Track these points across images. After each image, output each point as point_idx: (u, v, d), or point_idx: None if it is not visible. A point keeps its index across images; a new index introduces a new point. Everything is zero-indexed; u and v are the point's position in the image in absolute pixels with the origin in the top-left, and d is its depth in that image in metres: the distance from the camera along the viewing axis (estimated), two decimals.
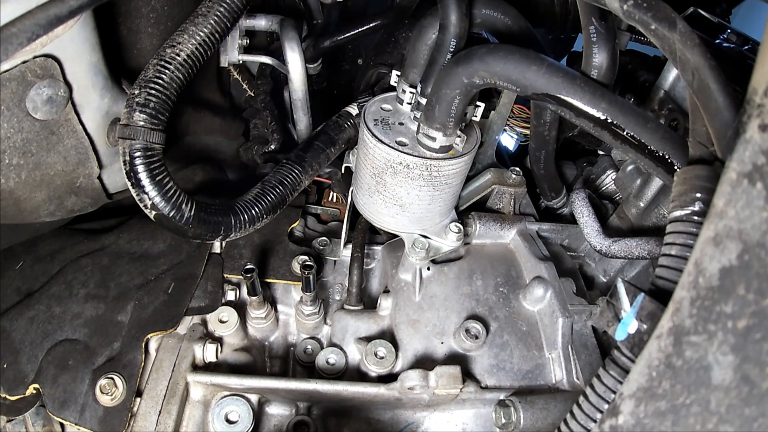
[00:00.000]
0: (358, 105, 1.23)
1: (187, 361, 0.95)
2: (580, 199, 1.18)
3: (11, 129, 0.83)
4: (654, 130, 0.74)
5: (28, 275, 1.10)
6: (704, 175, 0.58)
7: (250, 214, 0.98)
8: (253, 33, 1.35)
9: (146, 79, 0.86)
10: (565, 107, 0.77)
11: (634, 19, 0.67)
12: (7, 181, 0.88)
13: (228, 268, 1.09)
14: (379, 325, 1.06)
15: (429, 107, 0.88)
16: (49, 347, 0.97)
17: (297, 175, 1.09)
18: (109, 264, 1.09)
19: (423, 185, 0.95)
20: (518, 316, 1.04)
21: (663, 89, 1.14)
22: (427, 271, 1.07)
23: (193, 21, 0.91)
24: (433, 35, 0.93)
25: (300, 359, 1.08)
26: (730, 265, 0.42)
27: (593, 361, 1.00)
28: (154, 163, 0.85)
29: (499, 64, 0.78)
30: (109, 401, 0.91)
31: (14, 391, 0.94)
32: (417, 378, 0.89)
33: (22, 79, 0.80)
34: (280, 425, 0.99)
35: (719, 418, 0.42)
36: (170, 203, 0.86)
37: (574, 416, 0.60)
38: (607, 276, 1.27)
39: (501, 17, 0.95)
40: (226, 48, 1.30)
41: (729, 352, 0.41)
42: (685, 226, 0.57)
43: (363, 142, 0.97)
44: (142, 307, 1.01)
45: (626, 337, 0.56)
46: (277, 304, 1.11)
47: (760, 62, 0.46)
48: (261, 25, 1.32)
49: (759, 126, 0.43)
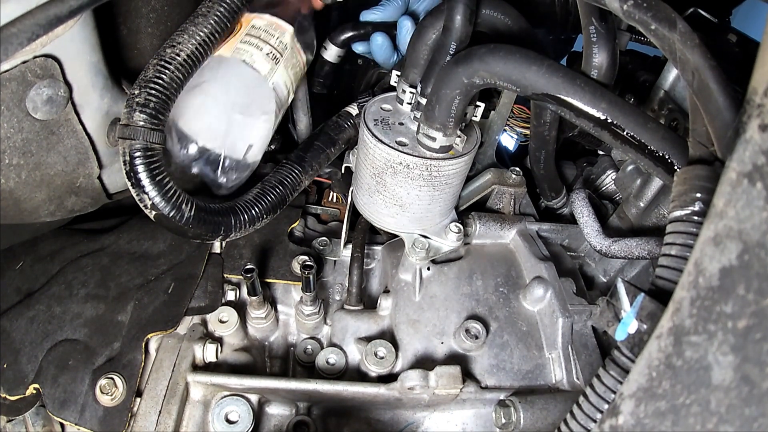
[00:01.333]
0: (358, 105, 1.23)
1: (187, 361, 0.95)
2: (580, 199, 1.18)
3: (11, 129, 0.83)
4: (654, 130, 0.74)
5: (28, 275, 1.10)
6: (704, 175, 0.58)
7: (251, 214, 0.99)
8: None
9: (146, 79, 0.86)
10: (565, 107, 0.77)
11: (634, 19, 0.67)
12: (7, 181, 0.88)
13: (228, 268, 1.09)
14: (379, 325, 1.06)
15: (429, 107, 0.88)
16: (49, 347, 0.97)
17: (297, 175, 1.09)
18: (109, 264, 1.09)
19: (423, 185, 0.95)
20: (518, 316, 1.04)
21: (663, 89, 1.14)
22: (427, 271, 1.07)
23: (193, 21, 0.91)
24: (433, 35, 0.93)
25: (300, 359, 1.08)
26: (730, 265, 0.42)
27: (593, 361, 1.00)
28: (154, 163, 0.85)
29: (499, 64, 0.78)
30: (109, 401, 0.91)
31: (14, 391, 0.94)
32: (417, 378, 0.89)
33: (22, 79, 0.80)
34: (280, 425, 0.99)
35: (719, 418, 0.42)
36: (170, 203, 0.86)
37: (574, 416, 0.60)
38: (607, 276, 1.27)
39: (501, 17, 0.96)
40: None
41: (729, 352, 0.41)
42: (685, 226, 0.57)
43: (363, 142, 0.97)
44: (142, 307, 1.01)
45: (626, 337, 0.56)
46: (277, 304, 1.11)
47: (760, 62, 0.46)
48: None
49: (759, 126, 0.43)
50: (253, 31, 1.05)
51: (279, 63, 1.06)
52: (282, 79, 1.08)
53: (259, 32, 1.05)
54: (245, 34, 1.04)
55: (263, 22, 1.07)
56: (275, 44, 1.06)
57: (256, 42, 1.04)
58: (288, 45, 1.08)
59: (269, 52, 1.04)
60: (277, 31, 1.07)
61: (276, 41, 1.06)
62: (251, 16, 1.07)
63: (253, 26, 1.06)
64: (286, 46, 1.07)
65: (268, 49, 1.04)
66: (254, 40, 1.04)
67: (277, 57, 1.06)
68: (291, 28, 1.09)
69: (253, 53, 1.03)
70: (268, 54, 1.04)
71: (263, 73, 1.04)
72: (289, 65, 1.09)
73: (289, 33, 1.08)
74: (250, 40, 1.04)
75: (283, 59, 1.07)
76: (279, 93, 1.08)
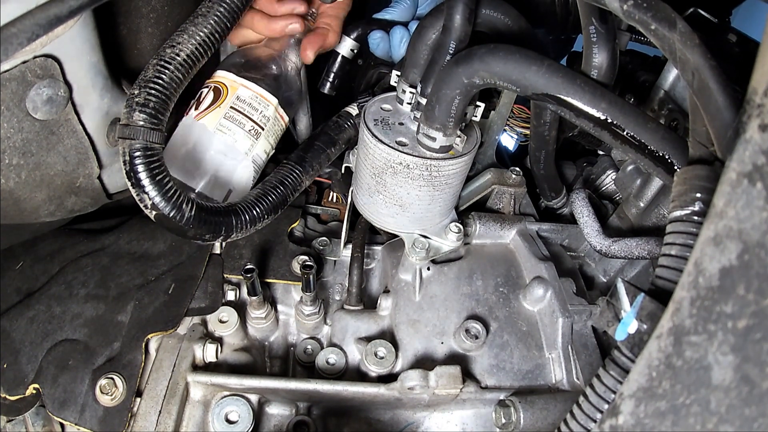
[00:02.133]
0: (358, 105, 1.23)
1: (187, 361, 0.95)
2: (580, 199, 1.18)
3: (11, 129, 0.83)
4: (654, 130, 0.74)
5: (28, 275, 1.10)
6: (704, 175, 0.58)
7: (252, 214, 0.98)
8: None
9: (146, 79, 0.86)
10: (565, 107, 0.77)
11: (634, 19, 0.67)
12: (7, 181, 0.88)
13: (228, 268, 1.09)
14: (379, 325, 1.06)
15: (429, 107, 0.88)
16: (49, 347, 0.97)
17: (298, 175, 1.09)
18: (109, 264, 1.09)
19: (423, 185, 0.95)
20: (518, 316, 1.04)
21: (663, 89, 1.14)
22: (427, 271, 1.07)
23: (193, 21, 0.91)
24: (433, 35, 0.93)
25: (300, 359, 1.08)
26: (730, 265, 0.42)
27: (593, 361, 1.00)
28: (154, 163, 0.85)
29: (499, 64, 0.78)
30: (109, 401, 0.91)
31: (14, 391, 0.94)
32: (417, 378, 0.89)
33: (22, 79, 0.80)
34: (280, 425, 0.99)
35: (719, 418, 0.42)
36: (170, 203, 0.86)
37: (574, 416, 0.60)
38: (607, 276, 1.27)
39: (501, 17, 0.96)
40: (227, 48, 1.30)
41: (729, 352, 0.41)
42: (685, 226, 0.57)
43: (363, 142, 0.97)
44: (142, 308, 1.01)
45: (626, 337, 0.56)
46: (277, 304, 1.11)
47: (760, 62, 0.46)
48: None
49: (759, 126, 0.43)
50: (238, 104, 1.04)
51: (260, 137, 1.07)
52: (262, 149, 1.09)
53: (244, 106, 1.05)
54: (230, 108, 1.04)
55: (249, 94, 1.06)
56: (258, 119, 1.06)
57: (239, 118, 1.04)
58: (271, 117, 1.08)
59: (251, 128, 1.05)
60: (261, 105, 1.06)
61: (259, 116, 1.06)
62: (238, 83, 1.06)
63: (238, 98, 1.05)
64: (268, 118, 1.08)
65: (251, 126, 1.05)
66: (238, 116, 1.04)
67: (259, 132, 1.06)
68: (275, 100, 1.08)
69: (236, 132, 1.04)
70: (250, 131, 1.05)
71: (243, 151, 1.05)
72: (271, 134, 1.10)
73: (273, 106, 1.08)
74: (234, 115, 1.04)
75: (265, 132, 1.08)
76: (257, 163, 1.09)
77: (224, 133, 1.03)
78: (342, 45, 1.31)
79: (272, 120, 1.09)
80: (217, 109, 1.04)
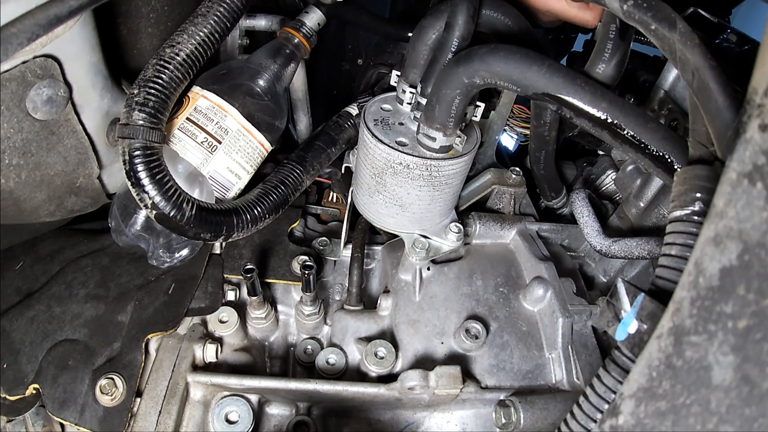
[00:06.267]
0: (358, 105, 1.23)
1: (187, 362, 0.95)
2: (580, 199, 1.18)
3: (11, 129, 0.83)
4: (654, 130, 0.74)
5: (28, 275, 1.10)
6: (704, 175, 0.58)
7: (253, 214, 0.98)
8: (253, 33, 1.35)
9: (145, 78, 0.86)
10: (566, 107, 0.77)
11: (634, 19, 0.67)
12: (7, 181, 0.88)
13: (228, 268, 1.09)
14: (379, 325, 1.06)
15: (429, 107, 0.88)
16: (49, 347, 0.97)
17: (298, 175, 1.09)
18: (109, 264, 1.09)
19: (423, 185, 0.95)
20: (518, 316, 1.04)
21: (663, 89, 1.14)
22: (427, 271, 1.07)
23: (193, 21, 0.91)
24: (433, 35, 0.93)
25: (300, 359, 1.08)
26: (730, 265, 0.42)
27: (593, 361, 1.00)
28: (154, 162, 0.85)
29: (500, 64, 0.78)
30: (109, 401, 0.91)
31: (14, 391, 0.94)
32: (417, 378, 0.89)
33: (22, 79, 0.80)
34: (280, 425, 0.99)
35: (719, 418, 0.42)
36: (171, 202, 0.86)
37: (574, 416, 0.60)
38: (607, 276, 1.27)
39: (501, 18, 0.96)
40: (227, 48, 1.30)
41: (729, 352, 0.41)
42: (685, 226, 0.57)
43: (363, 142, 0.97)
44: (142, 308, 1.01)
45: (626, 337, 0.56)
46: (277, 304, 1.11)
47: (760, 62, 0.46)
48: (261, 25, 1.32)
49: (759, 126, 0.43)
50: (194, 115, 0.99)
51: (216, 151, 0.99)
52: (224, 165, 1.01)
53: (199, 117, 0.99)
54: (185, 119, 0.99)
55: (206, 104, 1.00)
56: (213, 130, 0.99)
57: (192, 129, 0.98)
58: (231, 129, 1.00)
59: (204, 140, 0.98)
60: (217, 115, 0.99)
61: (214, 126, 0.99)
62: (199, 94, 1.01)
63: (195, 108, 1.00)
64: (226, 130, 1.00)
65: (203, 137, 0.98)
66: (191, 126, 0.98)
67: (214, 145, 0.99)
68: (234, 109, 1.01)
69: (186, 143, 0.98)
70: (203, 142, 0.98)
71: (195, 164, 0.99)
72: (234, 150, 1.02)
73: (232, 116, 1.00)
74: (188, 126, 0.98)
75: (223, 146, 1.00)
76: (220, 180, 1.02)
77: (175, 144, 0.98)
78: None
79: (234, 133, 1.01)
80: (175, 119, 0.99)
